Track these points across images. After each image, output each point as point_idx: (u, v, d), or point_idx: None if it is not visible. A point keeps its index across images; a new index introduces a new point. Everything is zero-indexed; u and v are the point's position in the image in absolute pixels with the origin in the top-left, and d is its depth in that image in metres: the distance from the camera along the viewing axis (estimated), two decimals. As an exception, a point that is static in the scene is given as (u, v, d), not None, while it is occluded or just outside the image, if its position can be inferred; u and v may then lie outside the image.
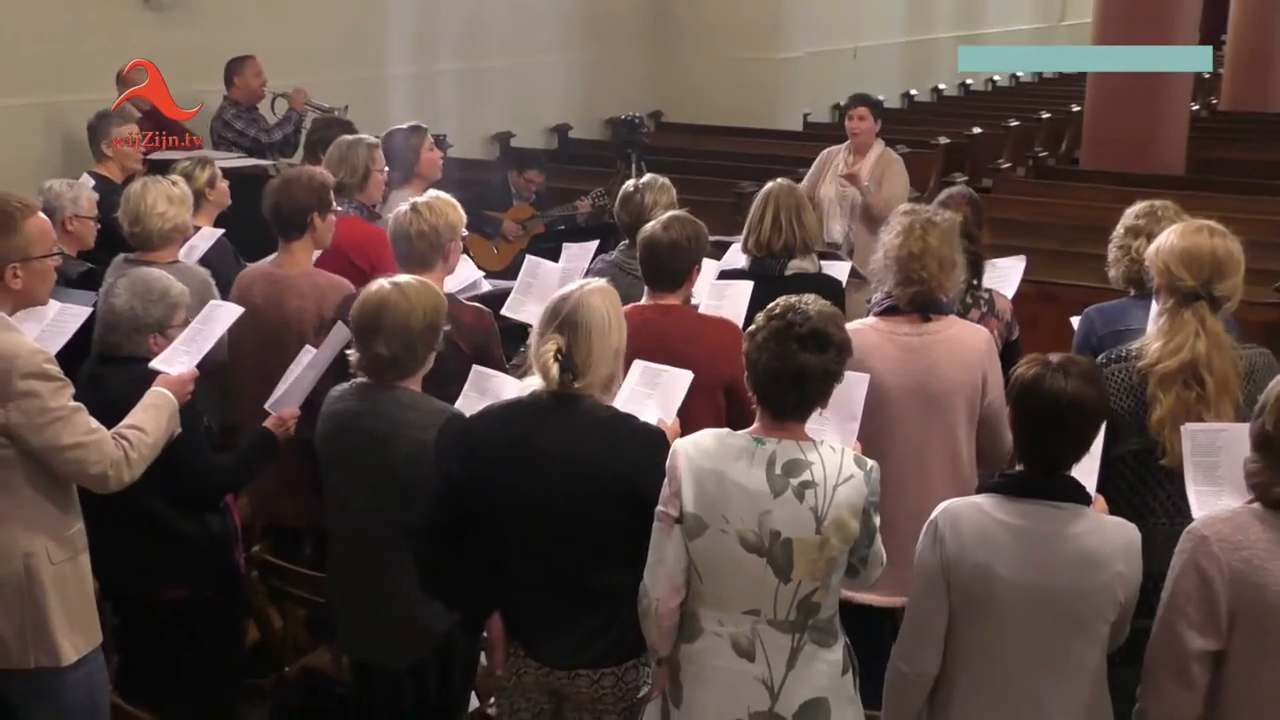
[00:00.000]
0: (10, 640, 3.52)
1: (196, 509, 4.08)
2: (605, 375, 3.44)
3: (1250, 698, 2.90)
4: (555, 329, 3.37)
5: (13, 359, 3.41)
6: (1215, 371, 3.64)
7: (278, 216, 4.98)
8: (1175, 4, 10.39)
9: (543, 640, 3.51)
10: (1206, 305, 3.72)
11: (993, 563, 3.02)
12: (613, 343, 3.43)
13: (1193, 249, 3.74)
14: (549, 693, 3.54)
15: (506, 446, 3.44)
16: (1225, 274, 3.75)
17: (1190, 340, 3.68)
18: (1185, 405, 3.64)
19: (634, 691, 3.48)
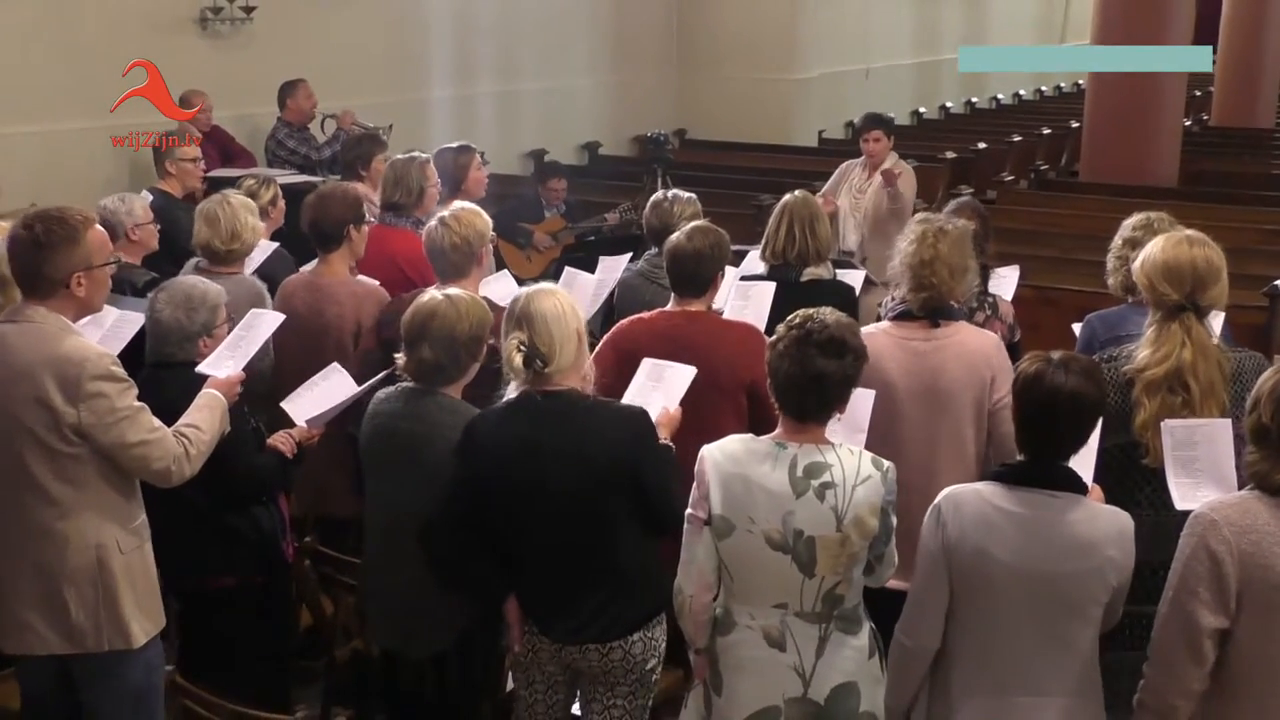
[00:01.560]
0: (86, 626, 3.53)
1: (243, 504, 4.07)
2: (573, 358, 3.49)
3: (1256, 673, 2.88)
4: (515, 327, 3.47)
5: (81, 362, 3.42)
6: (1200, 378, 3.62)
7: (316, 230, 5.02)
8: (1169, 18, 10.29)
9: (553, 619, 3.57)
10: (1193, 315, 3.70)
11: (991, 546, 3.03)
12: (571, 325, 3.50)
13: (1174, 263, 3.72)
14: (563, 667, 3.61)
15: (506, 444, 3.49)
16: (1207, 284, 3.72)
17: (1176, 350, 3.66)
18: (1170, 410, 3.62)
19: (642, 663, 3.53)
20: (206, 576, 4.09)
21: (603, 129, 13.05)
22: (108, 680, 3.61)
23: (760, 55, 13.75)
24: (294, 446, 4.15)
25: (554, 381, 3.47)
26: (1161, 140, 10.66)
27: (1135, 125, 10.51)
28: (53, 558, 3.50)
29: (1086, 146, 11.18)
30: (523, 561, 3.57)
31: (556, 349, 3.43)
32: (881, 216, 7.43)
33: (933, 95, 17.53)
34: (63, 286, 3.47)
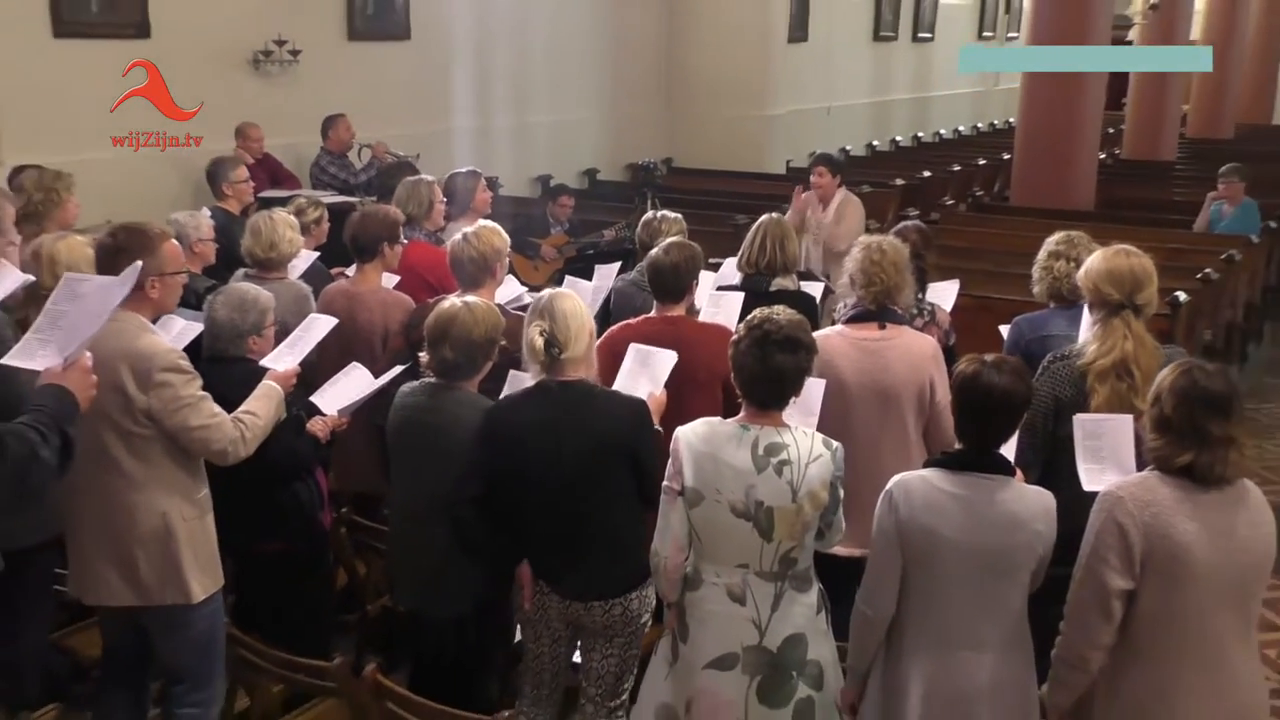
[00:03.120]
0: (152, 583, 3.54)
1: (284, 480, 4.07)
2: (584, 350, 3.53)
3: (1155, 627, 2.91)
4: (538, 318, 3.51)
5: (152, 356, 3.44)
6: (1141, 366, 3.66)
7: (355, 244, 5.04)
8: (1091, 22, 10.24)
9: (562, 578, 3.58)
10: (1131, 313, 3.76)
11: (937, 524, 3.04)
12: (585, 324, 3.55)
13: (1115, 269, 3.78)
14: (568, 622, 3.62)
15: (524, 425, 3.50)
16: (1143, 286, 3.78)
17: (1120, 342, 3.72)
18: (1118, 394, 3.67)
19: (638, 618, 3.54)
20: (256, 542, 4.09)
21: (601, 157, 13.03)
22: (174, 630, 3.63)
23: (737, 94, 13.73)
24: (328, 433, 4.16)
25: (567, 370, 3.49)
26: (1081, 170, 10.67)
27: (1058, 157, 10.53)
28: (126, 523, 3.51)
29: (1016, 175, 11.19)
30: (537, 527, 3.57)
31: (571, 339, 3.47)
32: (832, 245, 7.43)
33: (885, 130, 17.56)
34: (139, 289, 3.46)
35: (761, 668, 3.21)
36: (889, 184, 12.24)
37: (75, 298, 2.94)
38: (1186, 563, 2.83)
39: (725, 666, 3.23)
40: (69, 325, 2.89)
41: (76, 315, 2.90)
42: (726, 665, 3.23)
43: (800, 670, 3.23)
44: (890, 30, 17.69)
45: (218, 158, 7.06)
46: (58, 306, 2.95)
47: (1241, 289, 9.31)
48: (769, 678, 3.21)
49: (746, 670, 3.22)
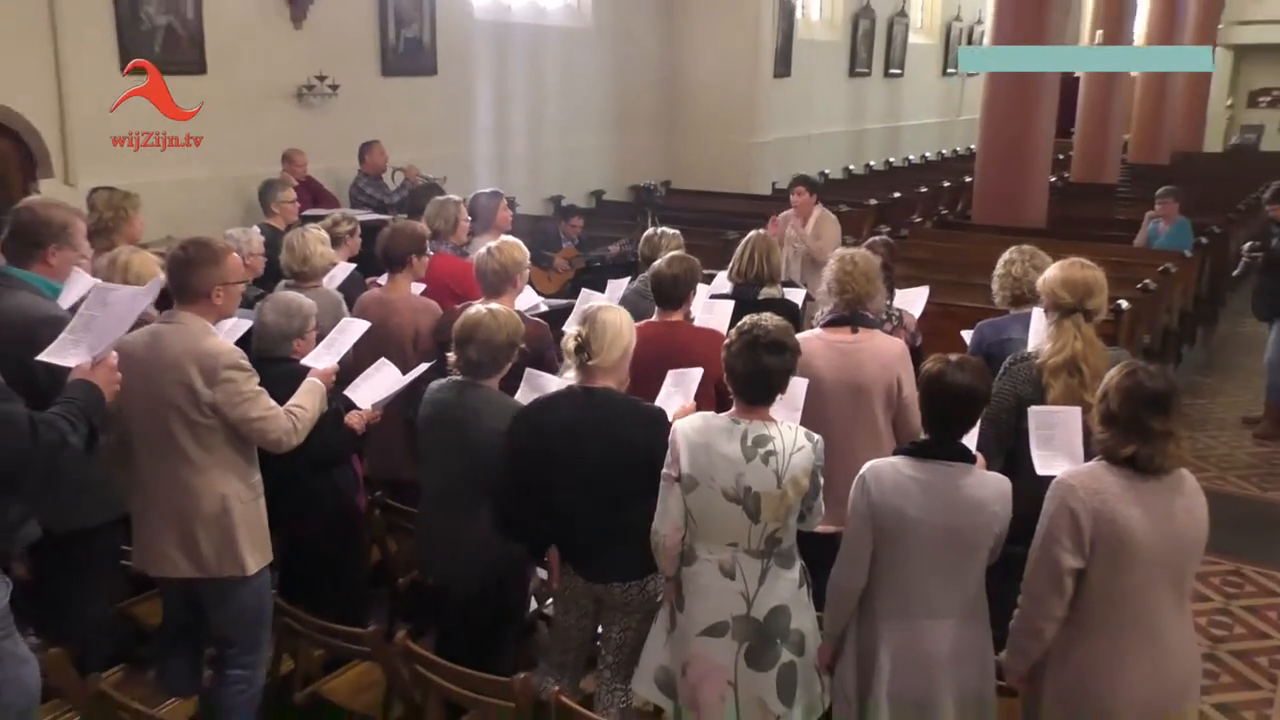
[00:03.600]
0: (210, 557, 3.53)
1: (325, 467, 4.06)
2: (614, 362, 3.48)
3: (1103, 601, 2.90)
4: (580, 323, 3.51)
5: (217, 355, 3.43)
6: (1090, 364, 3.67)
7: (386, 256, 5.03)
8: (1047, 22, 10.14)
9: (586, 562, 3.56)
10: (1081, 316, 3.78)
11: (905, 506, 3.04)
12: (622, 340, 3.50)
13: (1070, 277, 3.81)
14: (592, 599, 3.59)
15: (555, 426, 3.47)
16: (1093, 293, 3.81)
17: (1070, 342, 3.74)
18: (1070, 389, 3.67)
19: (653, 597, 3.51)
20: (300, 523, 4.07)
21: (607, 179, 13.02)
22: (228, 600, 3.62)
23: (728, 123, 13.77)
24: (363, 425, 4.15)
25: (596, 377, 3.46)
26: (1034, 191, 10.65)
27: (1014, 180, 10.51)
28: (189, 504, 3.50)
29: (977, 196, 11.17)
30: (563, 518, 3.53)
31: (604, 349, 3.43)
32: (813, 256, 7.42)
33: (860, 156, 17.55)
34: (205, 296, 3.49)
35: (749, 635, 3.20)
36: (864, 204, 12.23)
37: (105, 305, 2.95)
38: (1130, 544, 2.83)
39: (717, 634, 3.22)
40: (99, 328, 2.89)
41: (105, 320, 2.90)
42: (718, 633, 3.22)
43: (784, 638, 3.21)
44: (865, 67, 17.67)
45: (268, 180, 7.07)
46: (89, 312, 2.95)
47: (1176, 298, 9.29)
48: (756, 644, 3.20)
49: (736, 637, 3.21)
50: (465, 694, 3.39)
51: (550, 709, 3.16)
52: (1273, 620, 5.26)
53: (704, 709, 3.25)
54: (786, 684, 3.22)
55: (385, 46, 10.03)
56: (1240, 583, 5.61)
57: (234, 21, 8.61)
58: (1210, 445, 7.68)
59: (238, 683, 3.67)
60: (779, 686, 3.21)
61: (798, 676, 3.24)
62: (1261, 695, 4.65)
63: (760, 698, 3.21)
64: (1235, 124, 25.00)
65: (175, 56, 8.21)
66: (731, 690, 3.22)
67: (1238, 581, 5.62)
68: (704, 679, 3.24)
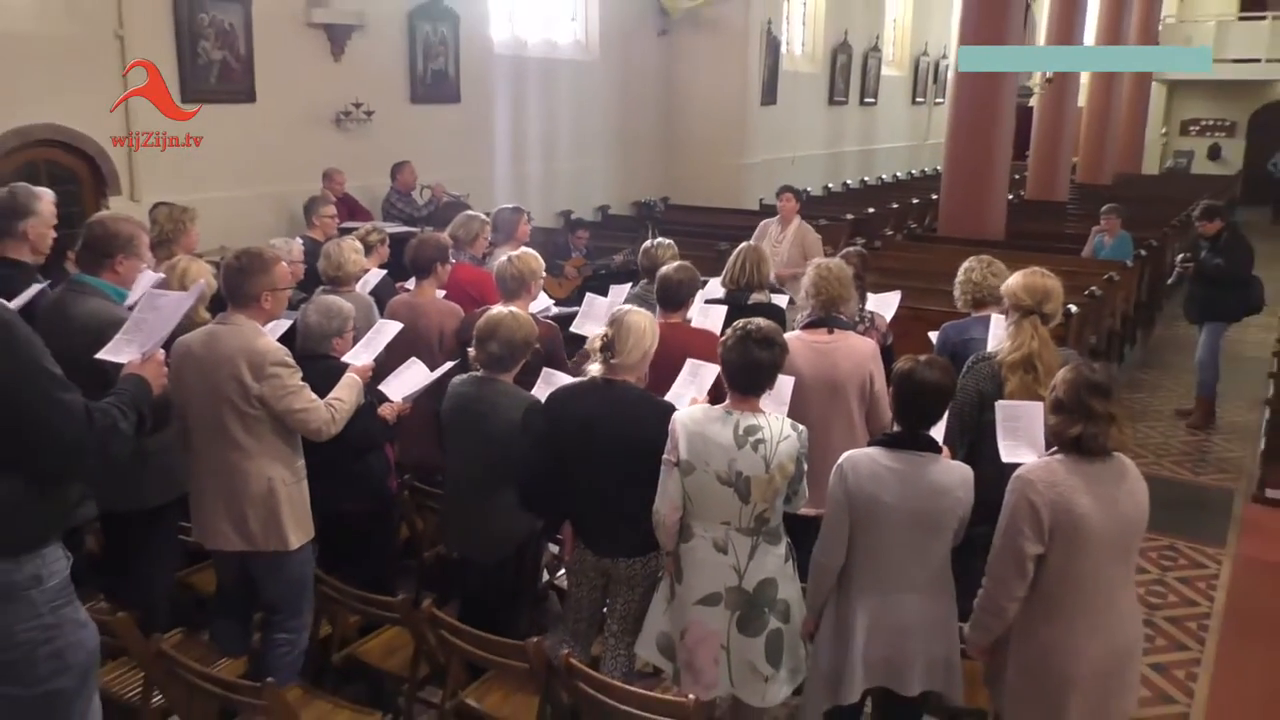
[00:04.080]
0: (258, 533, 3.54)
1: (361, 453, 4.05)
2: (636, 361, 3.44)
3: (1060, 582, 2.89)
4: (609, 325, 3.46)
5: (265, 353, 3.43)
6: (1044, 362, 3.66)
7: (414, 263, 5.00)
8: (1006, 26, 10.03)
9: (597, 539, 3.53)
10: (1038, 318, 3.77)
11: (879, 492, 3.03)
12: (645, 342, 3.45)
13: (1030, 284, 3.81)
14: (601, 573, 3.57)
15: (578, 413, 3.45)
16: (1050, 298, 3.81)
17: (1028, 341, 3.72)
18: (1025, 385, 3.65)
19: (655, 573, 3.49)
20: (339, 503, 4.05)
21: (612, 195, 12.98)
22: (274, 571, 3.62)
23: (721, 145, 13.74)
24: (395, 415, 4.14)
25: (617, 373, 3.43)
26: (993, 208, 10.62)
27: (975, 198, 10.49)
28: (239, 486, 3.50)
29: (943, 211, 11.14)
30: (578, 498, 3.52)
31: (626, 349, 3.39)
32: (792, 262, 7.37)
33: (838, 175, 17.52)
34: (256, 301, 3.49)
35: (740, 604, 3.20)
36: (841, 218, 12.18)
37: (154, 309, 2.95)
38: (1084, 529, 2.82)
39: (711, 603, 3.21)
40: (148, 328, 2.89)
41: (154, 321, 2.91)
42: (712, 602, 3.21)
43: (771, 607, 3.21)
44: (842, 96, 17.62)
45: (312, 197, 7.04)
46: (141, 314, 2.96)
47: (1119, 303, 9.28)
48: (746, 613, 3.20)
49: (728, 606, 3.20)
50: (485, 656, 3.39)
51: (561, 670, 3.16)
52: (1202, 590, 5.27)
53: (700, 670, 3.25)
54: (774, 648, 3.21)
55: (414, 77, 10.01)
56: (1175, 556, 5.61)
57: (281, 56, 8.59)
58: (1148, 434, 7.68)
59: (283, 645, 3.66)
60: (767, 650, 3.20)
61: (784, 642, 3.23)
62: (1191, 655, 4.66)
63: (750, 660, 3.20)
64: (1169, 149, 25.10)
65: (229, 87, 8.20)
66: (724, 654, 3.22)
67: (1172, 555, 5.62)
68: (700, 643, 3.24)
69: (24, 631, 2.37)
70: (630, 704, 3.01)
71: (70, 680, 2.45)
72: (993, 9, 9.95)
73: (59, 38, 7.07)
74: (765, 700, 3.24)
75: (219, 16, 8.05)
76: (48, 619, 2.40)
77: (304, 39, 8.86)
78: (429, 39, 10.07)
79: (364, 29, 9.20)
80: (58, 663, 2.42)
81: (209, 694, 3.15)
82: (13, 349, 2.25)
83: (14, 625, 2.35)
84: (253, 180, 8.36)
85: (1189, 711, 4.25)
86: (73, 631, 2.46)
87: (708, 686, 3.22)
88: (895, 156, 20.10)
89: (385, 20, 9.55)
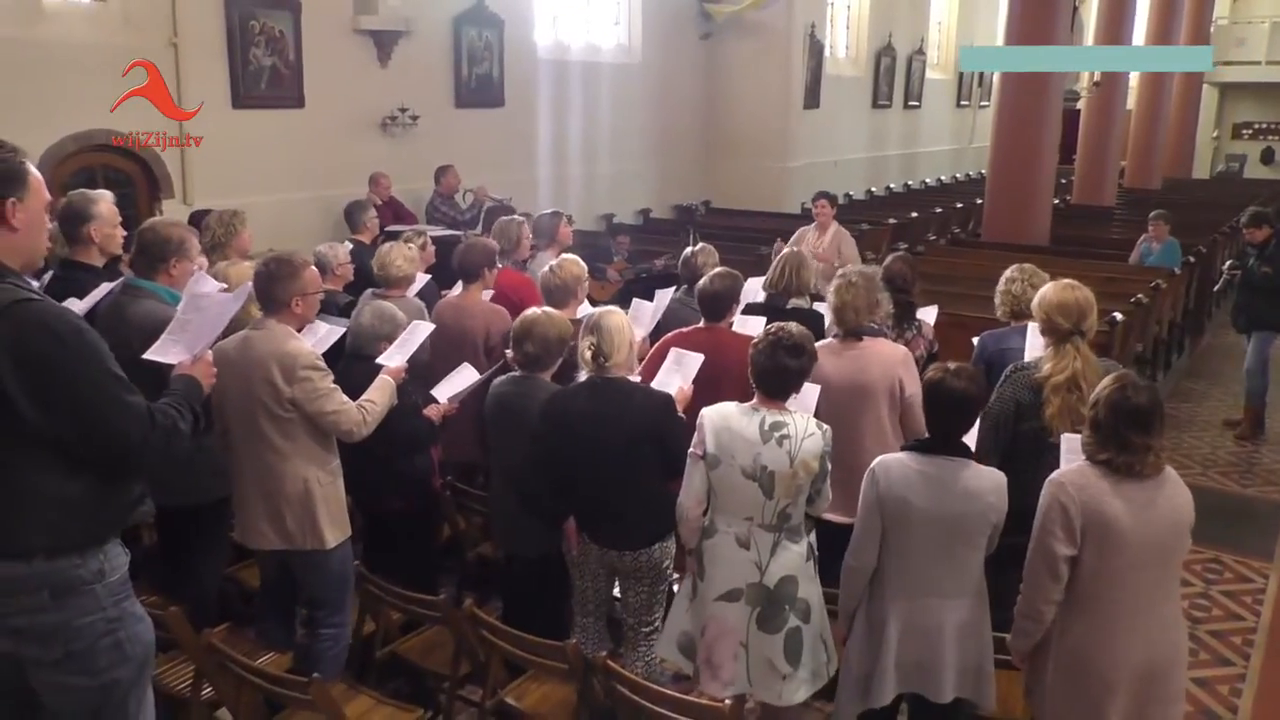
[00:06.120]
0: (295, 531, 3.60)
1: (406, 453, 4.11)
2: (625, 357, 3.56)
3: (1093, 582, 2.89)
4: (589, 333, 3.54)
5: (296, 357, 3.49)
6: (1089, 381, 3.60)
7: (461, 268, 5.06)
8: (1054, 24, 9.88)
9: (601, 533, 3.60)
10: (1079, 337, 3.72)
11: (911, 496, 3.05)
12: (626, 336, 3.57)
13: (1065, 302, 3.74)
14: (606, 566, 3.64)
15: (575, 411, 3.53)
16: (1086, 315, 3.75)
17: (1071, 363, 3.68)
18: (1069, 405, 3.62)
19: (660, 563, 3.57)
20: (383, 502, 4.15)
21: (653, 199, 13.03)
22: (313, 568, 3.69)
23: (763, 149, 13.72)
24: (440, 416, 4.20)
25: (611, 371, 3.53)
26: (1038, 212, 10.47)
27: (1020, 202, 10.35)
28: (275, 486, 3.56)
29: (986, 216, 11.01)
30: (581, 492, 3.58)
31: (614, 350, 3.51)
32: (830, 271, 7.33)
33: (881, 179, 17.40)
34: (286, 305, 3.54)
35: (760, 601, 3.24)
36: (883, 223, 12.11)
37: (199, 310, 2.99)
38: (1115, 531, 2.82)
39: (732, 599, 3.26)
40: (195, 330, 2.93)
41: (200, 323, 2.95)
42: (733, 598, 3.26)
43: (791, 605, 3.24)
44: (886, 99, 17.51)
45: (354, 201, 7.14)
46: (185, 316, 2.99)
47: (1166, 311, 9.14)
48: (766, 609, 3.24)
49: (749, 602, 3.24)
50: (524, 656, 3.44)
51: (598, 670, 3.20)
52: (1248, 605, 5.19)
53: (719, 666, 3.29)
54: (793, 647, 3.25)
55: (459, 82, 10.13)
56: (1220, 569, 5.53)
57: (329, 62, 8.74)
58: (1195, 445, 7.56)
59: (326, 640, 3.74)
60: (786, 649, 3.24)
61: (804, 642, 3.26)
62: (1235, 671, 4.60)
63: (769, 658, 3.24)
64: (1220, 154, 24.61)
65: (278, 93, 8.38)
66: (743, 650, 3.26)
67: (1217, 569, 5.54)
68: (719, 639, 3.28)
69: (88, 624, 2.45)
70: (665, 706, 3.04)
71: (128, 671, 2.54)
72: (1040, 10, 9.83)
73: (116, 46, 7.26)
74: (782, 699, 3.27)
75: (270, 24, 8.23)
76: (110, 612, 2.48)
77: (351, 45, 9.01)
78: (474, 44, 10.19)
79: (410, 35, 9.33)
80: (117, 654, 2.50)
81: (256, 687, 3.23)
82: (83, 355, 2.33)
83: (79, 618, 2.44)
84: (301, 184, 8.51)
85: (1231, 726, 4.20)
86: (132, 624, 2.54)
87: (726, 683, 3.26)
88: (939, 160, 19.93)
89: (431, 26, 9.68)
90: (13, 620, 2.40)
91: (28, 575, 2.38)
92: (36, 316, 2.29)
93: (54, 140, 6.93)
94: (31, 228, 2.42)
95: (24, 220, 2.39)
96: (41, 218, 2.47)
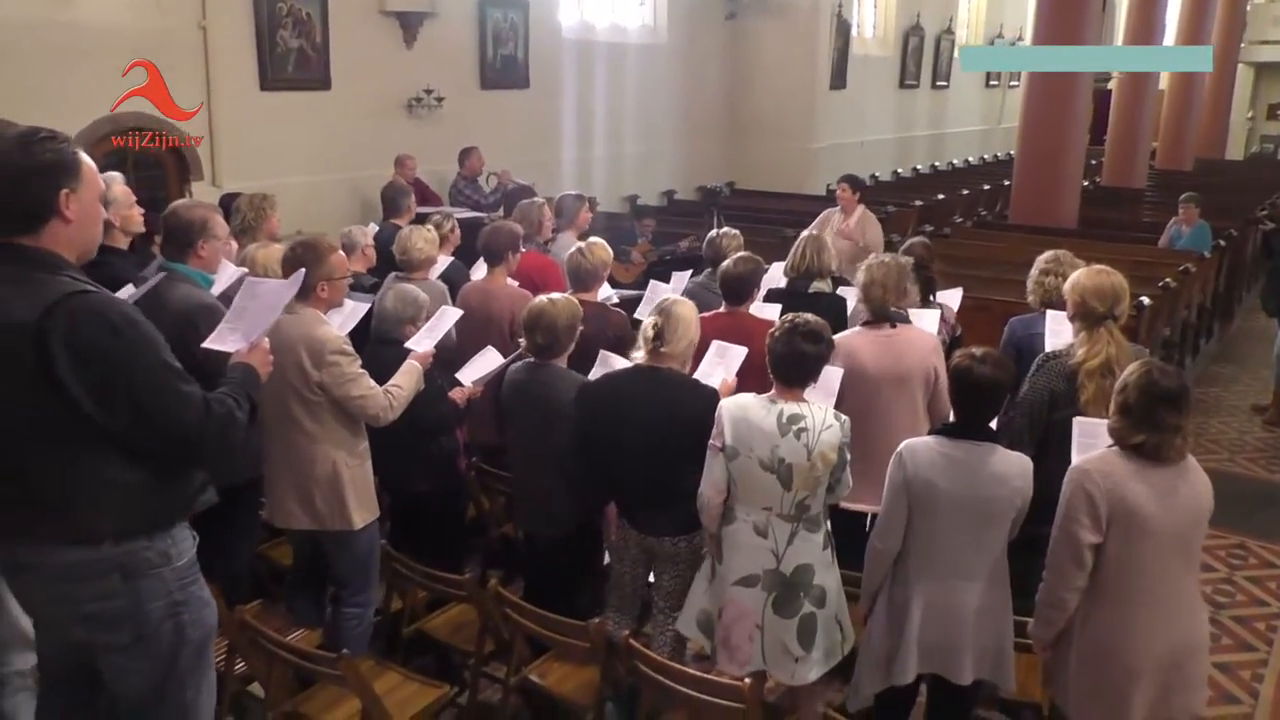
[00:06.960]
0: (324, 512, 3.66)
1: (432, 435, 4.14)
2: (681, 350, 3.57)
3: (1117, 569, 2.91)
4: (657, 314, 3.57)
5: (324, 341, 3.53)
6: (1122, 365, 3.56)
7: (486, 251, 5.09)
8: (1084, 24, 9.72)
9: (641, 518, 3.65)
10: (1111, 322, 3.72)
11: (937, 479, 3.07)
12: (690, 333, 3.58)
13: (1099, 286, 3.74)
14: (645, 550, 3.68)
15: (620, 398, 3.57)
16: (1120, 300, 3.75)
17: (1105, 348, 3.68)
18: (1103, 390, 3.59)
19: (698, 549, 3.59)
20: (410, 483, 4.19)
21: (677, 180, 13.01)
22: (341, 548, 3.75)
23: (787, 130, 13.65)
24: (465, 399, 4.25)
25: (663, 359, 3.55)
26: (1066, 195, 10.34)
27: (1048, 184, 10.22)
28: (305, 468, 3.62)
29: (1014, 198, 10.89)
30: (623, 478, 3.63)
31: (674, 338, 3.53)
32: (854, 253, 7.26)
33: (908, 160, 17.26)
34: (312, 290, 3.57)
35: (776, 586, 3.28)
36: (910, 205, 12.05)
37: (254, 296, 2.97)
38: (1140, 518, 2.83)
39: (749, 584, 3.30)
40: (250, 317, 2.91)
41: (256, 310, 2.93)
42: (750, 583, 3.30)
43: (807, 591, 3.28)
44: (913, 79, 17.36)
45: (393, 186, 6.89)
46: (242, 303, 2.97)
47: (1195, 295, 9.06)
48: (782, 595, 3.28)
49: (765, 588, 3.29)
50: (547, 634, 3.50)
51: (620, 649, 3.26)
52: (1272, 590, 5.18)
53: (735, 647, 3.34)
54: (807, 631, 3.29)
55: (484, 63, 10.15)
56: (1244, 555, 5.52)
57: (355, 43, 8.78)
58: (1222, 430, 7.52)
59: (351, 618, 3.81)
60: (799, 632, 3.29)
61: (818, 625, 3.30)
62: (1258, 657, 4.60)
63: (783, 640, 3.29)
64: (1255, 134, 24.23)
65: (305, 75, 8.43)
66: (759, 632, 3.31)
67: (1242, 554, 5.53)
68: (736, 621, 3.33)
69: (155, 607, 2.50)
70: (686, 684, 3.10)
71: (190, 655, 2.59)
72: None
73: (147, 30, 7.34)
74: (795, 679, 3.33)
75: (297, 6, 8.28)
76: (176, 595, 2.53)
77: (377, 27, 9.05)
78: (499, 25, 10.20)
79: (435, 16, 9.35)
80: (179, 637, 2.55)
81: (287, 662, 3.31)
82: (138, 347, 2.35)
83: (146, 601, 2.48)
84: (328, 166, 8.56)
85: (1253, 712, 4.21)
86: (198, 608, 2.58)
87: (742, 663, 3.32)
88: (967, 141, 19.74)
89: (456, 7, 9.70)
90: (86, 607, 2.45)
91: (98, 559, 2.42)
92: (93, 308, 2.30)
93: (86, 124, 7.01)
94: (86, 218, 2.40)
95: (78, 211, 2.37)
96: (96, 208, 2.45)
